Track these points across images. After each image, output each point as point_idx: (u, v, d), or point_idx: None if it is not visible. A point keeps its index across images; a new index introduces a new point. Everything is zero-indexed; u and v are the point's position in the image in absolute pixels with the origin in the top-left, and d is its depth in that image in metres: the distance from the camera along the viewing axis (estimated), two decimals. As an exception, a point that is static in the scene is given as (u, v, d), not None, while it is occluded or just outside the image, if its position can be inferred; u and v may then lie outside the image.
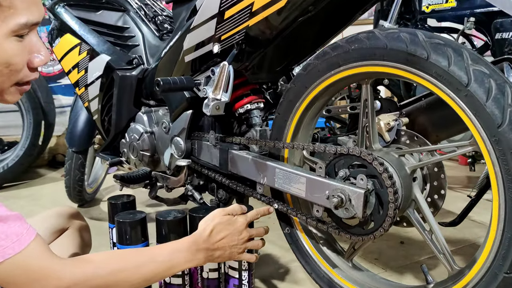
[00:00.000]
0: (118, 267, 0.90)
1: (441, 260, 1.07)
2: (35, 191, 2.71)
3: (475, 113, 0.90)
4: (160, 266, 0.96)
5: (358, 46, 1.04)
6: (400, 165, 1.06)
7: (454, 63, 0.91)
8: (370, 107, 1.10)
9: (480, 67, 0.90)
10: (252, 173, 1.26)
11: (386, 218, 1.02)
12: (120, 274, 0.90)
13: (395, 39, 0.99)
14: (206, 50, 1.27)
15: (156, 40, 1.66)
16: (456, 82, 0.91)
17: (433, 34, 0.98)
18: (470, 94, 0.89)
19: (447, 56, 0.92)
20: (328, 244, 1.31)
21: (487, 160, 0.91)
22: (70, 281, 0.83)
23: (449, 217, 1.78)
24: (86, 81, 1.72)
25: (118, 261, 0.92)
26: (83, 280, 0.85)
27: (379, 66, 1.02)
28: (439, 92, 0.95)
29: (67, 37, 1.74)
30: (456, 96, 0.92)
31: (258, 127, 1.34)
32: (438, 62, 0.93)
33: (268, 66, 1.35)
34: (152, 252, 1.00)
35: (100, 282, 0.87)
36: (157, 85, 1.23)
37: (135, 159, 1.62)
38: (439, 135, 1.21)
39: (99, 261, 0.90)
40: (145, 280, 0.93)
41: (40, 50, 0.80)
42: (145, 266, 0.93)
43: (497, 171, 0.89)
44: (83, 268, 0.86)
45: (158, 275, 0.97)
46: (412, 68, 0.97)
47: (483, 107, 0.88)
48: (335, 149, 1.09)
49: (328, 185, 1.06)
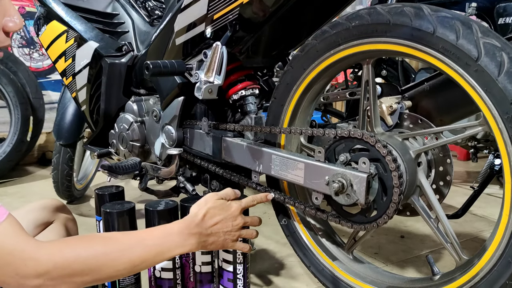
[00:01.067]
0: (102, 250, 0.83)
1: (449, 250, 1.01)
2: (23, 188, 2.62)
3: (486, 89, 0.84)
4: (149, 250, 0.88)
5: (359, 22, 0.98)
6: (404, 149, 1.00)
7: (462, 36, 0.85)
8: (371, 89, 1.04)
9: (491, 40, 0.84)
10: (247, 160, 1.19)
11: (390, 204, 0.95)
12: (103, 258, 0.82)
13: (399, 14, 0.93)
14: (198, 31, 1.21)
15: (147, 26, 1.60)
16: (465, 56, 0.85)
17: (439, 7, 0.92)
18: (481, 69, 0.83)
19: (455, 30, 0.86)
20: (328, 235, 1.24)
21: (498, 140, 0.86)
22: (48, 265, 0.76)
23: (449, 211, 1.73)
24: (73, 69, 1.65)
25: (102, 243, 0.84)
26: (62, 264, 0.77)
27: (381, 43, 0.96)
28: (446, 68, 0.89)
29: (53, 24, 1.66)
30: (465, 72, 0.86)
31: (253, 114, 1.28)
32: (445, 36, 0.87)
33: (264, 50, 1.29)
34: (140, 235, 0.92)
35: (82, 266, 0.79)
36: (147, 69, 1.16)
37: (124, 150, 1.55)
38: (443, 119, 1.15)
39: (81, 243, 0.83)
40: (132, 266, 0.86)
41: (13, 14, 0.74)
42: (132, 250, 0.86)
43: (510, 151, 0.84)
44: (62, 250, 0.79)
45: (147, 261, 0.89)
46: (417, 44, 0.91)
47: (495, 82, 0.82)
48: (335, 132, 1.02)
49: (328, 170, 1.00)
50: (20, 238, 0.75)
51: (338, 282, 1.17)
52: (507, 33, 1.50)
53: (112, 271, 0.84)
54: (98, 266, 0.81)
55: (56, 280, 0.77)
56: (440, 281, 1.02)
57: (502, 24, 1.51)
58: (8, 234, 0.74)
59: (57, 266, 0.77)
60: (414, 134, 1.04)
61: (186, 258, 1.20)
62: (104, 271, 0.82)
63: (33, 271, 0.75)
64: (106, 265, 0.82)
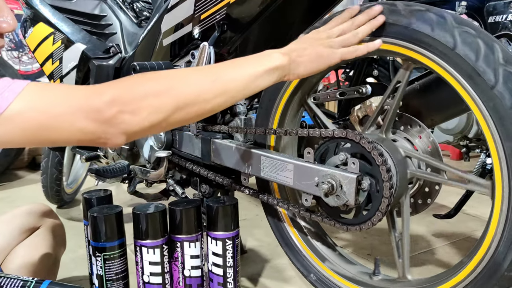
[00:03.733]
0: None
1: (397, 263, 1.06)
2: (13, 193, 2.59)
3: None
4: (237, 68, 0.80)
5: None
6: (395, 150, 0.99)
7: (437, 27, 0.85)
8: (400, 92, 0.99)
9: (467, 29, 0.84)
10: (236, 162, 1.17)
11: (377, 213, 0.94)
12: (181, 72, 0.76)
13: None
14: (185, 31, 1.19)
15: (134, 27, 1.58)
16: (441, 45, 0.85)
17: (411, 2, 0.91)
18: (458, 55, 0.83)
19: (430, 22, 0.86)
20: (318, 237, 1.23)
21: (482, 124, 0.84)
22: (113, 90, 0.69)
23: (442, 211, 1.72)
24: (61, 72, 1.63)
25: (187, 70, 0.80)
26: (128, 84, 0.71)
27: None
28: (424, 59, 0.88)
29: (40, 26, 1.64)
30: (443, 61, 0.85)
31: (243, 116, 1.27)
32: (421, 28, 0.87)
33: (252, 50, 1.27)
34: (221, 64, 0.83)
35: (155, 84, 0.72)
36: (134, 70, 1.14)
37: (113, 154, 1.53)
38: (434, 118, 1.13)
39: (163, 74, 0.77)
40: (223, 85, 0.77)
41: (6, 14, 0.72)
42: (216, 68, 0.80)
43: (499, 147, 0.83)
44: (130, 79, 0.73)
45: (236, 79, 0.79)
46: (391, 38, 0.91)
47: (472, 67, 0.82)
48: (332, 133, 1.00)
49: (317, 171, 0.98)
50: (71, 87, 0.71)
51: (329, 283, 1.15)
52: (497, 31, 1.49)
53: (195, 88, 0.74)
54: (175, 81, 0.74)
55: (131, 102, 0.70)
56: (380, 281, 1.10)
57: (492, 22, 1.51)
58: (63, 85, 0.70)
59: (124, 87, 0.70)
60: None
61: (175, 263, 1.18)
62: (184, 87, 0.74)
63: (121, 105, 0.68)
64: (185, 79, 0.75)
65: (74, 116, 0.67)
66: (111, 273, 1.15)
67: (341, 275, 1.15)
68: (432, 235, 1.80)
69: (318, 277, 1.18)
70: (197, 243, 1.17)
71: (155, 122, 0.71)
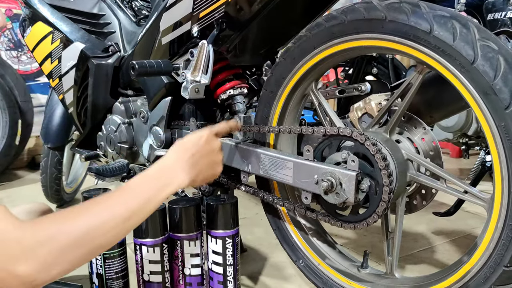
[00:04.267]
0: (85, 214, 0.76)
1: (386, 260, 1.09)
2: (13, 192, 2.59)
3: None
4: (133, 201, 0.82)
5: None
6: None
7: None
8: (411, 95, 0.98)
9: (441, 12, 0.85)
10: (235, 161, 1.17)
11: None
12: (88, 221, 0.75)
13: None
14: (184, 29, 1.19)
15: (133, 26, 1.58)
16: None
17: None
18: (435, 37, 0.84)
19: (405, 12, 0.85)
20: (318, 235, 1.23)
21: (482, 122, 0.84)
22: (32, 241, 0.68)
23: (441, 208, 1.72)
24: (60, 71, 1.63)
25: (82, 209, 0.78)
26: (46, 237, 0.70)
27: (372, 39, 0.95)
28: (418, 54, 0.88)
29: (38, 25, 1.64)
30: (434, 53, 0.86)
31: (242, 114, 1.26)
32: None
33: (251, 48, 1.27)
34: (122, 190, 0.83)
35: (68, 236, 0.71)
36: (132, 69, 1.14)
37: (112, 152, 1.53)
38: (433, 115, 1.13)
39: (62, 214, 0.75)
40: (122, 221, 0.79)
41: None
42: (115, 206, 0.79)
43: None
44: (44, 224, 0.72)
45: (136, 212, 0.81)
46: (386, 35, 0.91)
47: (451, 47, 0.83)
48: (336, 130, 1.00)
49: (317, 169, 0.98)
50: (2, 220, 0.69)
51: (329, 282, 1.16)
52: (496, 28, 1.49)
53: (102, 235, 0.76)
54: (85, 232, 0.74)
55: (46, 260, 0.70)
56: (367, 275, 1.13)
57: (491, 20, 1.50)
58: None
59: (42, 241, 0.69)
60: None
61: (175, 261, 1.18)
62: (93, 236, 0.75)
63: (18, 252, 0.68)
64: (94, 228, 0.75)
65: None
66: (111, 272, 1.15)
67: (335, 268, 1.17)
68: (432, 232, 1.80)
69: (306, 263, 1.21)
70: (197, 242, 1.17)
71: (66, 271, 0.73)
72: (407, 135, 1.05)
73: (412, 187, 1.05)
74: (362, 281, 1.11)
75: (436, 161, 1.00)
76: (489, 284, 0.86)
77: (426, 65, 0.92)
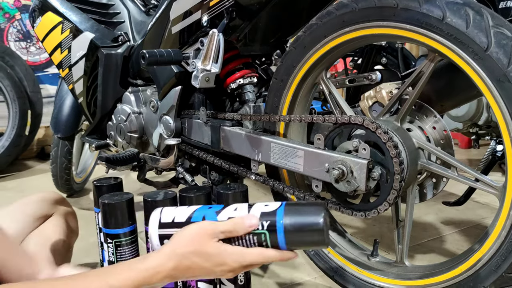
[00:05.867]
0: None
1: (396, 249, 1.10)
2: (23, 182, 2.62)
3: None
4: None
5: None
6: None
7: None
8: (422, 83, 0.98)
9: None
10: (246, 149, 1.18)
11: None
12: None
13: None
14: (194, 19, 1.19)
15: (142, 15, 1.57)
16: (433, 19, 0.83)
17: None
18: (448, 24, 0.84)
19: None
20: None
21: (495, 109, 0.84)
22: None
23: (451, 198, 1.72)
24: (69, 61, 1.63)
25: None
26: None
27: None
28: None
29: (48, 16, 1.64)
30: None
31: (252, 103, 1.26)
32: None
33: (261, 37, 1.27)
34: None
35: None
36: (143, 58, 1.14)
37: (122, 142, 1.53)
38: (444, 104, 1.13)
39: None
40: None
41: None
42: None
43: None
44: None
45: None
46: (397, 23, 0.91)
47: (464, 34, 0.82)
48: (348, 119, 1.00)
49: (328, 157, 0.98)
50: None
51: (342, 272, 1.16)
52: (509, 16, 1.47)
53: None
54: None
55: None
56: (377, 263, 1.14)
57: (504, 8, 1.49)
58: None
59: None
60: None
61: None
62: None
63: None
64: None
65: None
66: (122, 259, 1.16)
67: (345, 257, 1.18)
68: (441, 222, 1.80)
69: (316, 252, 1.22)
70: (207, 230, 1.17)
71: None
72: (418, 123, 1.04)
73: (423, 175, 1.05)
74: (372, 269, 1.12)
75: (447, 149, 1.00)
76: (500, 272, 0.86)
77: (438, 53, 0.91)
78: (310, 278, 1.38)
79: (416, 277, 1.04)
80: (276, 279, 1.39)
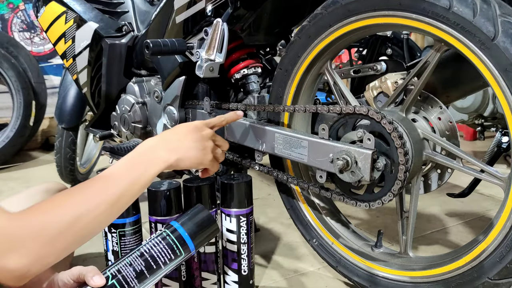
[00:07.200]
0: (73, 201, 0.76)
1: (400, 240, 1.10)
2: (27, 173, 2.63)
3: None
4: (120, 184, 0.82)
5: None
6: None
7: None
8: (428, 73, 0.97)
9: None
10: (250, 140, 1.17)
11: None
12: (77, 207, 0.75)
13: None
14: (198, 8, 1.18)
15: (146, 5, 1.57)
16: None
17: None
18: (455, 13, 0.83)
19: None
20: (332, 214, 1.23)
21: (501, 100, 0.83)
22: (22, 234, 0.68)
23: (455, 190, 1.71)
24: (73, 51, 1.63)
25: (69, 195, 0.78)
26: (36, 228, 0.69)
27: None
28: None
29: (52, 5, 1.64)
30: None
31: (256, 94, 1.26)
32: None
33: (266, 27, 1.26)
34: (106, 175, 0.83)
35: (58, 225, 0.71)
36: (147, 48, 1.14)
37: (126, 132, 1.54)
38: (449, 95, 1.12)
39: (49, 203, 0.75)
40: (110, 205, 0.79)
41: None
42: (102, 191, 0.80)
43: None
44: (33, 215, 0.71)
45: (123, 195, 0.81)
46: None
47: (470, 23, 0.82)
48: (352, 108, 0.99)
49: (333, 148, 0.98)
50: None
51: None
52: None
53: (91, 220, 0.77)
54: (74, 219, 0.74)
55: (38, 251, 0.70)
56: (381, 254, 1.14)
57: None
58: None
59: (32, 233, 0.69)
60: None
61: (190, 239, 1.19)
62: (83, 222, 0.75)
63: (8, 245, 0.68)
64: (82, 214, 0.75)
65: None
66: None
67: (348, 247, 1.18)
68: (445, 214, 1.80)
69: (319, 242, 1.22)
70: (211, 220, 1.18)
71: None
72: (423, 114, 1.04)
73: (428, 166, 1.05)
74: (375, 260, 1.12)
75: (452, 140, 1.00)
76: (505, 263, 0.86)
77: (444, 43, 0.90)
78: (313, 268, 1.38)
79: (420, 268, 1.04)
80: (280, 269, 1.39)
